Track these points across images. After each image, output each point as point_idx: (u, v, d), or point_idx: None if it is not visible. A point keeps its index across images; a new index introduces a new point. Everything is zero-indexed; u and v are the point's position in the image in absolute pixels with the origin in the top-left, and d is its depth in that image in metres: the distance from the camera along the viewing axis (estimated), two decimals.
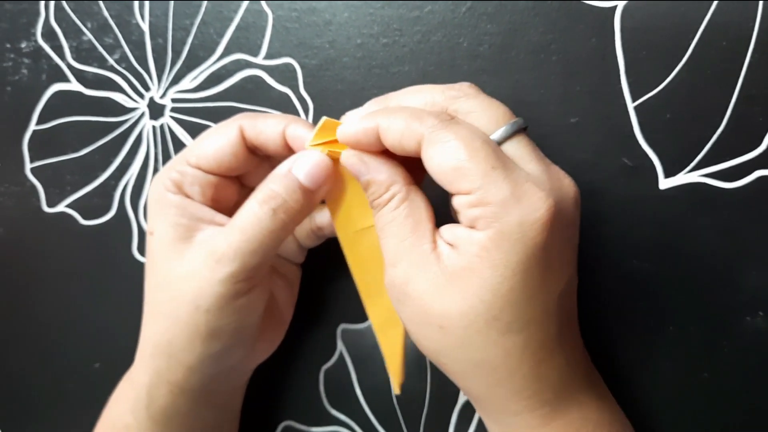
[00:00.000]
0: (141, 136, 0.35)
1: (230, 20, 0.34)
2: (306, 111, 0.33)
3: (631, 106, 0.29)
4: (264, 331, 0.28)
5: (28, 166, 0.37)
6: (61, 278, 0.37)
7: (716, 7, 0.27)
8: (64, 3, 0.36)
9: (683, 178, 0.28)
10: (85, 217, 0.37)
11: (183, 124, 0.35)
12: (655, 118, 0.28)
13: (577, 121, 0.29)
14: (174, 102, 0.35)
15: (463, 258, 0.21)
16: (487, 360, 0.22)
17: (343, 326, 0.33)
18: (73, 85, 0.36)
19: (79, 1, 0.36)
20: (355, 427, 0.33)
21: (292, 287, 0.31)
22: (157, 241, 0.25)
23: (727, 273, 0.28)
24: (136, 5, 0.35)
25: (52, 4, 0.36)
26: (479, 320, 0.21)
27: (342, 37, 0.32)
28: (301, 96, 0.33)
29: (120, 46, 0.35)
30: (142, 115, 0.35)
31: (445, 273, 0.21)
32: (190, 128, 0.35)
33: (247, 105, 0.34)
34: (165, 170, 0.26)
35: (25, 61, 0.37)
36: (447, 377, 0.24)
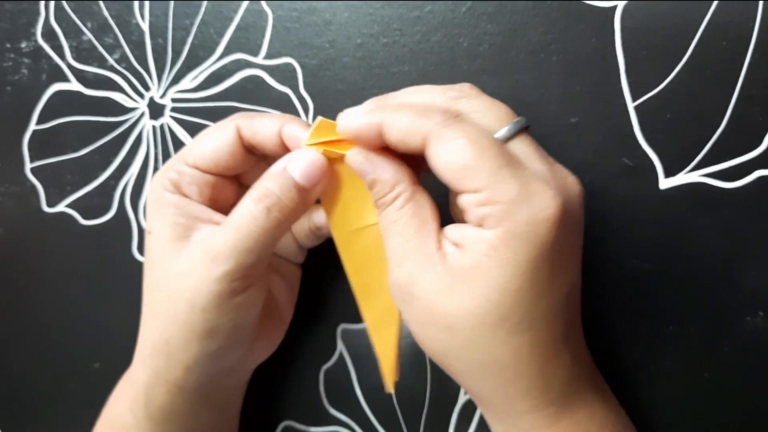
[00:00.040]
0: (141, 136, 0.35)
1: (230, 20, 0.34)
2: (306, 111, 0.33)
3: (631, 106, 0.29)
4: (263, 331, 0.28)
5: (28, 165, 0.37)
6: (61, 278, 0.37)
7: (716, 7, 0.27)
8: (64, 3, 0.36)
9: (683, 178, 0.28)
10: (85, 217, 0.37)
11: (183, 123, 0.35)
12: (655, 118, 0.28)
13: (577, 121, 0.29)
14: (174, 102, 0.35)
15: (470, 257, 0.21)
16: (494, 360, 0.22)
17: (343, 326, 0.33)
18: (73, 85, 0.36)
19: (79, 1, 0.36)
20: (355, 427, 0.33)
21: (292, 287, 0.31)
22: (155, 241, 0.25)
23: (727, 273, 0.28)
24: (136, 5, 0.35)
25: (52, 4, 0.36)
26: (487, 320, 0.21)
27: (342, 37, 0.32)
28: (301, 96, 0.33)
29: (120, 46, 0.35)
30: (142, 114, 0.35)
31: (451, 273, 0.21)
32: (190, 128, 0.35)
33: (247, 105, 0.34)
34: (163, 170, 0.27)
35: (25, 60, 0.37)
36: (447, 377, 0.24)
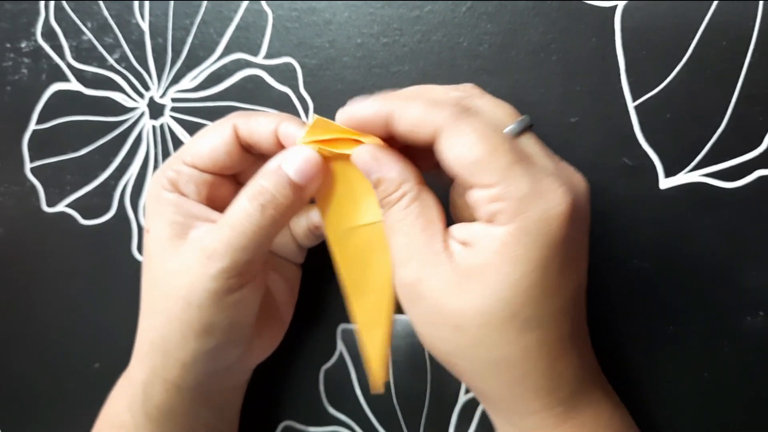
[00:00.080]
0: (141, 136, 0.35)
1: (230, 20, 0.34)
2: (306, 111, 0.33)
3: (631, 105, 0.29)
4: (262, 331, 0.28)
5: (27, 165, 0.37)
6: (61, 278, 0.37)
7: (716, 7, 0.27)
8: (64, 3, 0.36)
9: (683, 177, 0.28)
10: (84, 217, 0.37)
11: (183, 123, 0.35)
12: (655, 117, 0.28)
13: (577, 120, 0.29)
14: (174, 101, 0.35)
15: (480, 254, 0.21)
16: (503, 358, 0.22)
17: (343, 326, 0.33)
18: (73, 85, 0.36)
19: (79, 0, 0.36)
20: (355, 427, 0.33)
21: (291, 288, 0.31)
22: (153, 239, 0.25)
23: (727, 273, 0.28)
24: (136, 5, 0.35)
25: (52, 4, 0.36)
26: (497, 317, 0.21)
27: (342, 37, 0.32)
28: (301, 96, 0.33)
29: (120, 46, 0.35)
30: (142, 114, 0.35)
31: (458, 271, 0.21)
32: (190, 128, 0.35)
33: (247, 105, 0.34)
34: (162, 169, 0.27)
35: (25, 60, 0.37)
36: (447, 377, 0.24)
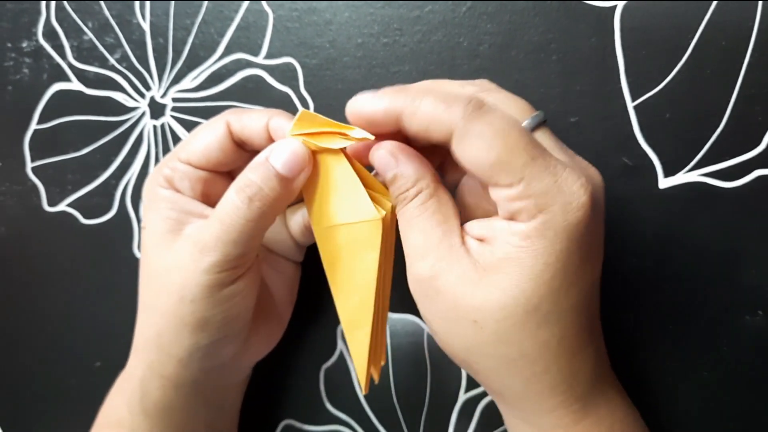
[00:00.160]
0: (142, 136, 0.35)
1: (231, 20, 0.34)
2: None
3: (630, 105, 0.29)
4: (259, 328, 0.28)
5: (29, 165, 0.37)
6: (62, 277, 0.37)
7: (716, 6, 0.28)
8: (65, 3, 0.36)
9: (683, 177, 0.28)
10: (85, 217, 0.37)
11: (184, 123, 0.35)
12: (655, 117, 0.28)
13: (577, 120, 0.29)
14: (175, 101, 0.35)
15: (499, 250, 0.21)
16: (522, 354, 0.21)
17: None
18: (74, 85, 0.36)
19: (80, 0, 0.36)
20: (355, 426, 0.33)
21: (290, 286, 0.31)
22: (149, 235, 0.26)
23: (727, 272, 0.28)
24: (137, 5, 0.35)
25: (53, 4, 0.36)
26: (517, 311, 0.21)
27: (342, 37, 0.32)
28: (301, 95, 0.33)
29: (121, 46, 0.36)
30: (143, 114, 0.35)
31: (477, 267, 0.21)
32: (190, 128, 0.35)
33: (248, 105, 0.34)
34: (158, 167, 0.27)
35: (27, 60, 0.37)
36: (447, 377, 0.24)
